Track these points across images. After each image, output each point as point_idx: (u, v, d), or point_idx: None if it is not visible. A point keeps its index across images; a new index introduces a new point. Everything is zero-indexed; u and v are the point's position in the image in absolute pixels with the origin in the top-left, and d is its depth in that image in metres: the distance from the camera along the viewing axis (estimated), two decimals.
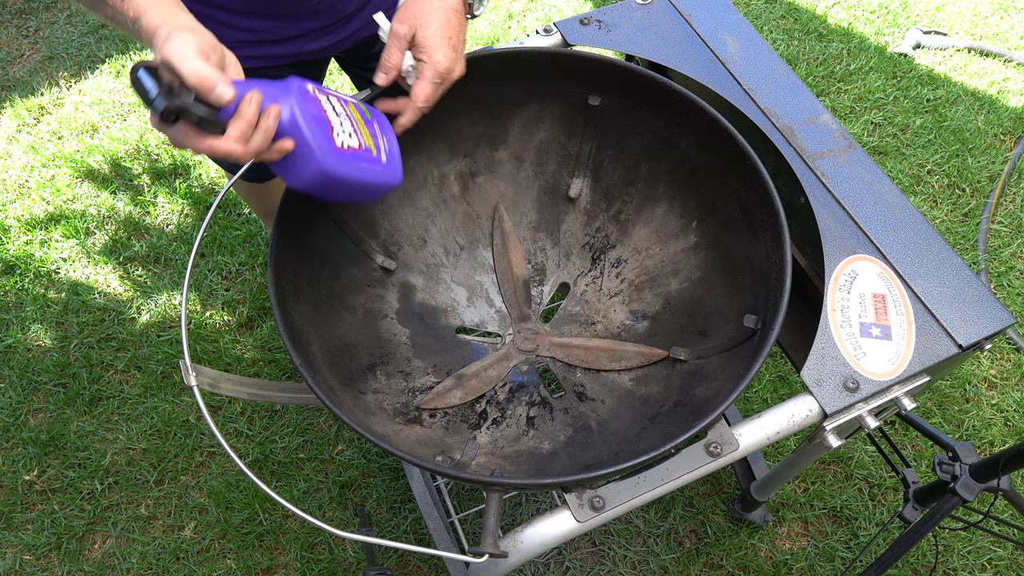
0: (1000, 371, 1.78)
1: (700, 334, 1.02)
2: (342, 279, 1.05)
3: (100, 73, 2.40)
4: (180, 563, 1.58)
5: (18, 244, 2.01)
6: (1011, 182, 2.11)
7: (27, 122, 2.29)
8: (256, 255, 1.98)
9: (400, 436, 0.94)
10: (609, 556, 1.58)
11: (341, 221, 1.04)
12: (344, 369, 0.98)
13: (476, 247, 1.17)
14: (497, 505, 0.76)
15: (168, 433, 1.72)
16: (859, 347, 0.88)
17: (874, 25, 2.48)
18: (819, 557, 1.57)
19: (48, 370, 1.81)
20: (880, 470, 1.65)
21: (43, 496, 1.66)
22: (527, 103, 1.10)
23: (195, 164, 2.16)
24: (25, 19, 2.57)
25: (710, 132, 0.97)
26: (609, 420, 1.00)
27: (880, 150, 2.18)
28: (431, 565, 1.57)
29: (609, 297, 1.13)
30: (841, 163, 1.03)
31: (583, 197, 1.15)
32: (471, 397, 1.04)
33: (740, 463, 1.55)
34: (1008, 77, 2.33)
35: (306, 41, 1.11)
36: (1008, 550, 1.56)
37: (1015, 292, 1.91)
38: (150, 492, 1.66)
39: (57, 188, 2.11)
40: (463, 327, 1.13)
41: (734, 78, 1.10)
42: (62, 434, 1.72)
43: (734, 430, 0.86)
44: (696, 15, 1.16)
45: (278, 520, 1.62)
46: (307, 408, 1.75)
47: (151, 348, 1.84)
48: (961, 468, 1.16)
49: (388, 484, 1.65)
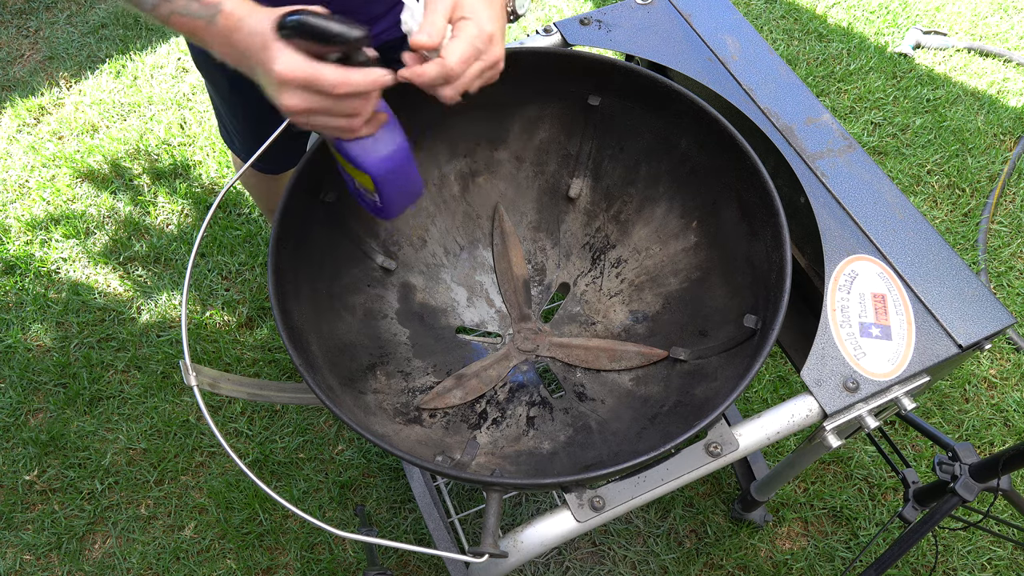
0: (1000, 371, 1.78)
1: (700, 334, 1.02)
2: (342, 279, 1.05)
3: (100, 73, 2.40)
4: (180, 563, 1.58)
5: (18, 244, 2.01)
6: (1011, 182, 2.11)
7: (27, 122, 2.29)
8: (256, 255, 1.98)
9: (400, 436, 0.94)
10: (609, 556, 1.58)
11: (341, 221, 1.04)
12: (344, 369, 0.98)
13: (476, 247, 1.17)
14: (497, 505, 0.76)
15: (168, 433, 1.72)
16: (859, 347, 0.88)
17: (874, 25, 2.48)
18: (819, 557, 1.57)
19: (48, 370, 1.81)
20: (880, 470, 1.65)
21: (43, 496, 1.66)
22: (527, 103, 1.10)
23: (195, 164, 2.16)
24: (25, 19, 2.57)
25: (710, 132, 0.97)
26: (609, 420, 1.00)
27: (880, 150, 2.18)
28: (431, 565, 1.57)
29: (609, 297, 1.13)
30: (841, 163, 1.03)
31: (583, 197, 1.15)
32: (471, 397, 1.04)
33: (740, 463, 1.55)
34: (1008, 77, 2.33)
35: None
36: (1008, 550, 1.56)
37: (1015, 292, 1.91)
38: (150, 492, 1.66)
39: (57, 188, 2.11)
40: (463, 327, 1.13)
41: (734, 78, 1.10)
42: (62, 434, 1.72)
43: (734, 430, 0.86)
44: (696, 15, 1.17)
45: (278, 520, 1.62)
46: (307, 408, 1.75)
47: (151, 348, 1.84)
48: (961, 468, 1.16)
49: (388, 484, 1.65)
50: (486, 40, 0.72)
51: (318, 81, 0.65)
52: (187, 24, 0.69)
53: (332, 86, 0.65)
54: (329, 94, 0.66)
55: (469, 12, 0.72)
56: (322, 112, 0.68)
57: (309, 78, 0.64)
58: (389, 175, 0.79)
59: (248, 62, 0.68)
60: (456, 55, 0.70)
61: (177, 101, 2.31)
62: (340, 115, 0.69)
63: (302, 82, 0.65)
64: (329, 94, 0.66)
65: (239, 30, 0.66)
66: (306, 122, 0.70)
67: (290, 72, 0.64)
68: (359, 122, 0.71)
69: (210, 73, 1.18)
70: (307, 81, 0.65)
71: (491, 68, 0.74)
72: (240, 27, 0.66)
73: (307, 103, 0.66)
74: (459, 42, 0.70)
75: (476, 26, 0.71)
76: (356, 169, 0.80)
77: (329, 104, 0.67)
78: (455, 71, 0.70)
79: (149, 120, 2.26)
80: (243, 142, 1.29)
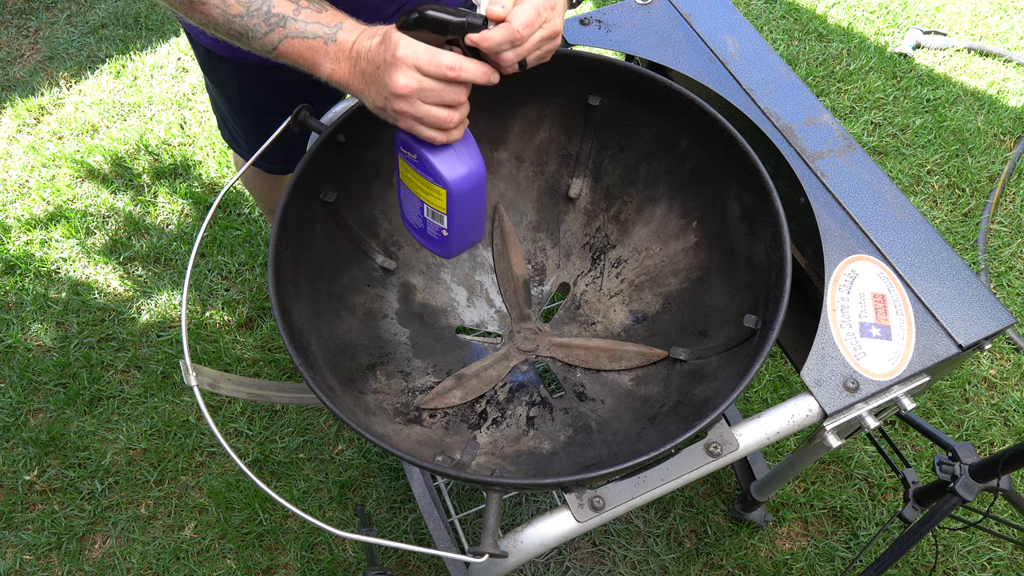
0: (1000, 371, 1.79)
1: (700, 334, 1.02)
2: (342, 279, 1.05)
3: (100, 73, 2.40)
4: (180, 563, 1.58)
5: (18, 244, 2.01)
6: (1011, 182, 2.11)
7: (27, 122, 2.29)
8: (256, 255, 1.98)
9: (400, 436, 0.94)
10: (609, 556, 1.58)
11: (341, 221, 1.04)
12: (344, 369, 0.98)
13: (476, 247, 1.17)
14: (497, 505, 0.76)
15: (168, 433, 1.72)
16: (859, 347, 0.88)
17: (874, 25, 2.48)
18: (819, 557, 1.57)
19: (48, 370, 1.81)
20: (880, 470, 1.65)
21: (43, 496, 1.66)
22: (527, 103, 1.10)
23: (195, 164, 2.16)
24: (25, 19, 2.57)
25: (710, 132, 0.97)
26: (609, 420, 1.00)
27: (880, 150, 2.18)
28: (431, 565, 1.57)
29: (609, 297, 1.13)
30: (841, 163, 1.03)
31: (583, 197, 1.15)
32: (471, 397, 1.04)
33: (740, 463, 1.55)
34: (1008, 77, 2.33)
35: None
36: (1008, 550, 1.56)
37: (1015, 292, 1.91)
38: (150, 492, 1.66)
39: (57, 188, 2.11)
40: (463, 327, 1.13)
41: (734, 78, 1.10)
42: (62, 434, 1.72)
43: (734, 430, 0.86)
44: (696, 15, 1.17)
45: (278, 520, 1.62)
46: (307, 408, 1.75)
47: (151, 348, 1.84)
48: (961, 468, 1.16)
49: (388, 484, 1.65)
50: (549, 8, 0.75)
51: (437, 61, 0.71)
52: (301, 47, 0.76)
53: (449, 67, 0.71)
54: (443, 77, 0.71)
55: None
56: (430, 95, 0.72)
57: (429, 58, 0.70)
58: (467, 194, 0.81)
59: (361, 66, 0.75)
60: (522, 19, 0.73)
61: (177, 101, 2.31)
62: (442, 104, 0.73)
63: (423, 62, 0.71)
64: (443, 77, 0.71)
65: (359, 41, 0.75)
66: (408, 110, 0.74)
67: (412, 53, 0.70)
68: (457, 118, 0.75)
69: (221, 80, 1.19)
70: (427, 61, 0.70)
71: (551, 38, 0.78)
72: (360, 38, 0.75)
73: (419, 83, 0.71)
74: (525, 7, 0.74)
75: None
76: (432, 186, 0.80)
77: (439, 88, 0.72)
78: (521, 34, 0.73)
79: (149, 120, 2.26)
80: (248, 142, 1.30)
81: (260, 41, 0.77)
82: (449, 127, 0.75)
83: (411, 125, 0.76)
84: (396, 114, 0.75)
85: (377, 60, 0.73)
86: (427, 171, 0.79)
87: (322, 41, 0.76)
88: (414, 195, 0.85)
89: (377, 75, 0.73)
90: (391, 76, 0.72)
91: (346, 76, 0.77)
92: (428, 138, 0.77)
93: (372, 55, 0.74)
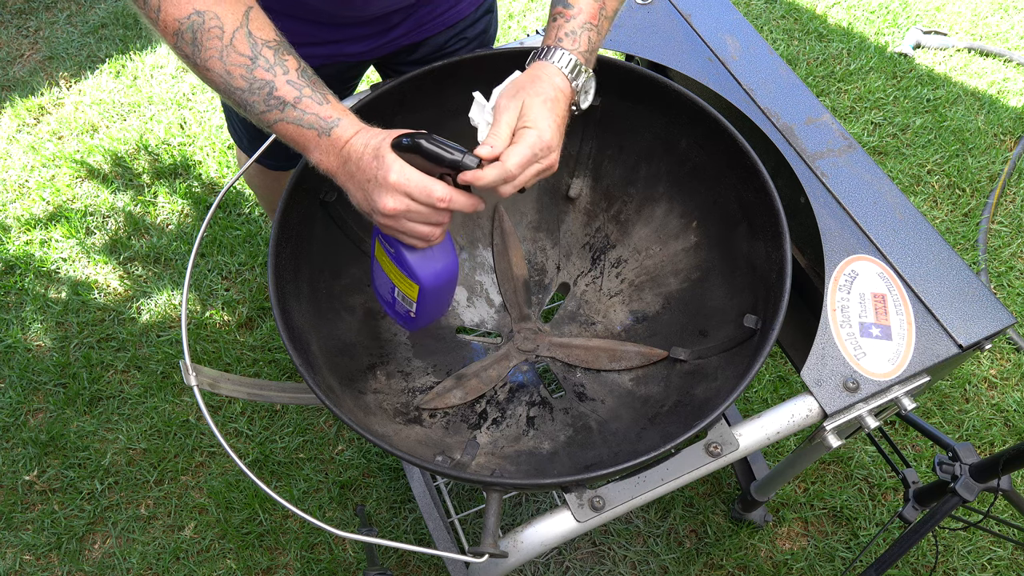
0: (1000, 371, 1.78)
1: (700, 334, 1.02)
2: (342, 279, 1.05)
3: (100, 73, 2.40)
4: (180, 563, 1.58)
5: (18, 244, 2.01)
6: (1011, 182, 2.11)
7: (27, 122, 2.29)
8: (256, 255, 1.98)
9: (400, 436, 0.94)
10: (609, 556, 1.58)
11: (341, 221, 1.04)
12: (344, 369, 0.98)
13: (476, 247, 1.17)
14: (497, 505, 0.77)
15: (168, 433, 1.72)
16: (859, 347, 0.88)
17: (874, 25, 2.48)
18: (819, 557, 1.57)
19: (48, 370, 1.81)
20: (880, 470, 1.65)
21: (43, 496, 1.66)
22: None
23: (195, 164, 2.16)
24: (25, 19, 2.57)
25: (710, 132, 0.97)
26: (609, 420, 1.00)
27: (880, 150, 2.18)
28: (431, 565, 1.57)
29: (609, 297, 1.13)
30: (841, 163, 1.03)
31: (583, 197, 1.15)
32: (471, 397, 1.04)
33: (740, 463, 1.55)
34: (1008, 77, 2.33)
35: (346, 44, 1.11)
36: (1008, 550, 1.56)
37: (1015, 292, 1.91)
38: (150, 492, 1.66)
39: (57, 188, 2.11)
40: (463, 327, 1.13)
41: (734, 78, 1.10)
42: (62, 434, 1.72)
43: (734, 430, 0.86)
44: (696, 15, 1.16)
45: (278, 520, 1.62)
46: (307, 408, 1.75)
47: (151, 348, 1.84)
48: (961, 468, 1.16)
49: (388, 484, 1.65)
50: (544, 148, 0.77)
51: (429, 192, 0.73)
52: (295, 131, 0.78)
53: (440, 200, 0.73)
54: (432, 206, 0.74)
55: (531, 121, 0.77)
56: (416, 216, 0.75)
57: (420, 188, 0.72)
58: (436, 290, 0.83)
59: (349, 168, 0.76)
60: (515, 159, 0.75)
61: (177, 101, 2.31)
62: (427, 224, 0.76)
63: (413, 191, 0.72)
64: (432, 206, 0.74)
65: (352, 143, 0.76)
66: (392, 224, 0.76)
67: (404, 181, 0.72)
68: (439, 232, 0.78)
69: None
70: (419, 190, 0.72)
71: (546, 170, 0.80)
72: (354, 140, 0.76)
73: (407, 207, 0.74)
74: (519, 147, 0.76)
75: (536, 135, 0.77)
76: (405, 278, 0.83)
77: (426, 212, 0.74)
78: (513, 174, 0.76)
79: (149, 120, 2.26)
80: (251, 141, 1.32)
81: (257, 116, 0.78)
82: (431, 240, 0.78)
83: (393, 234, 0.79)
84: (379, 225, 0.78)
85: (368, 173, 0.74)
86: (403, 266, 0.82)
87: (315, 133, 0.77)
88: (387, 277, 0.88)
89: (366, 187, 0.75)
90: (380, 197, 0.73)
91: (333, 169, 0.78)
92: (409, 243, 0.79)
93: (363, 164, 0.75)
